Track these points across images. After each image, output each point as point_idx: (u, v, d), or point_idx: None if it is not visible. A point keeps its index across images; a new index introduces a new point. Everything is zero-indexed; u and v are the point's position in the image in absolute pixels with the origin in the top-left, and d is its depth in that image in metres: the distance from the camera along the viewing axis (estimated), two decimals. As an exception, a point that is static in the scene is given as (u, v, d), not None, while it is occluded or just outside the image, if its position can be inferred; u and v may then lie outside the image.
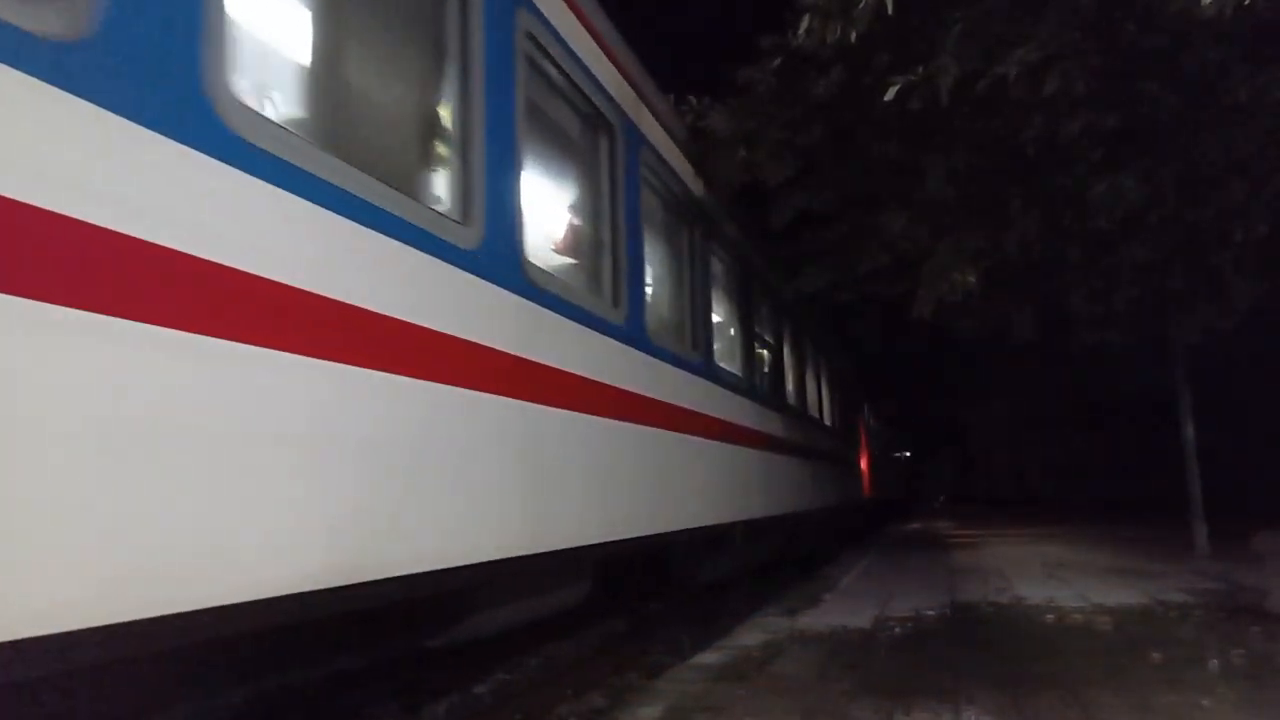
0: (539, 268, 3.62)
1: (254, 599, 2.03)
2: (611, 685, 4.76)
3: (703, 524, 5.64)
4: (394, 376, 2.60)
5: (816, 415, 11.58)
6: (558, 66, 4.05)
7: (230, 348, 2.03)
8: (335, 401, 2.36)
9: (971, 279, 6.65)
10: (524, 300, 3.41)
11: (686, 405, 5.45)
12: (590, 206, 4.69)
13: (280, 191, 2.22)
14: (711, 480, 6.01)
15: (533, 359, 3.42)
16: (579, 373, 3.86)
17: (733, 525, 6.39)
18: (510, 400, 3.24)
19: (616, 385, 4.30)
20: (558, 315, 3.71)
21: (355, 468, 2.43)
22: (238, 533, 2.02)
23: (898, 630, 5.03)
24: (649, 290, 5.29)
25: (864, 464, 18.19)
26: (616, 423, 4.28)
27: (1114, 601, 5.69)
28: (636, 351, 4.65)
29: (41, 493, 1.62)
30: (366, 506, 2.46)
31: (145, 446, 1.81)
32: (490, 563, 2.99)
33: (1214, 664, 3.73)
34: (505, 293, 3.29)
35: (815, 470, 10.59)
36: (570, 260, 4.52)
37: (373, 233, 2.57)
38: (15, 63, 1.60)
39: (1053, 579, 7.21)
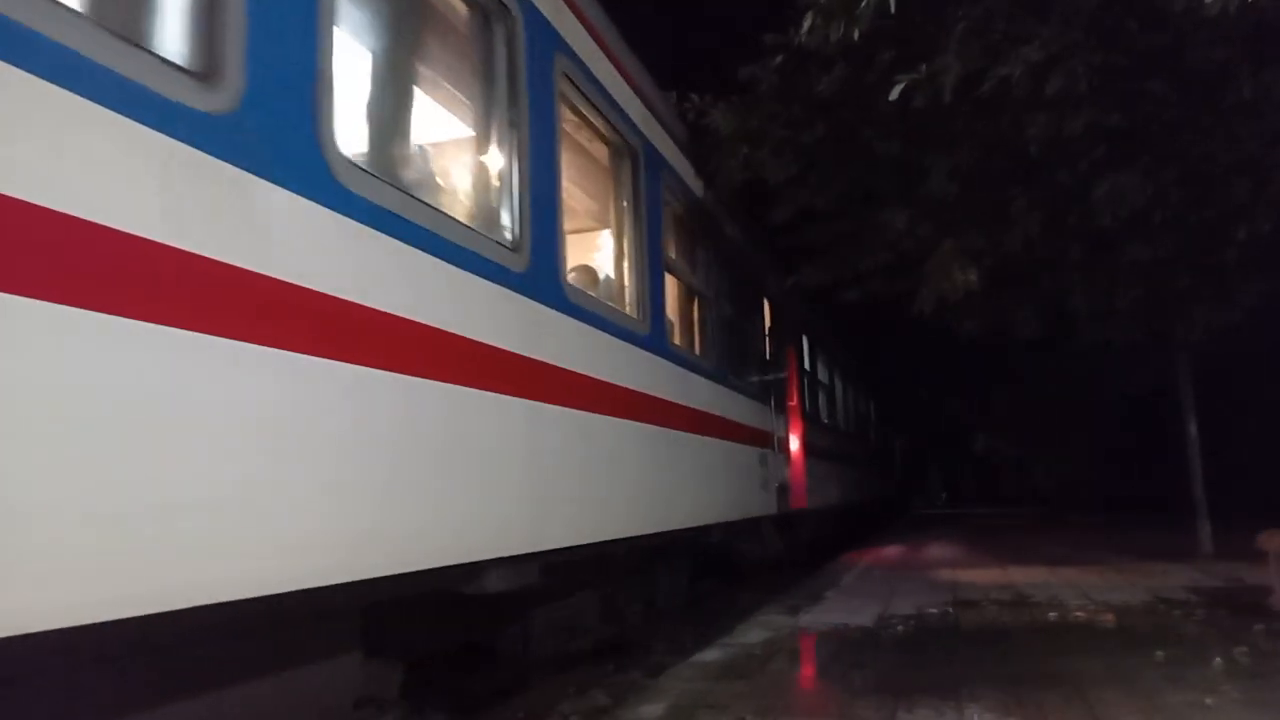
0: None
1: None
2: (614, 682, 4.75)
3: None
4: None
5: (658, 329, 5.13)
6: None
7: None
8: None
9: (974, 277, 6.65)
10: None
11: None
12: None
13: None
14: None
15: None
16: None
17: None
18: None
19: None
20: None
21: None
22: None
23: (900, 628, 5.03)
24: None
25: (797, 444, 9.15)
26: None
27: (1117, 599, 5.69)
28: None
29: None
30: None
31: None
32: None
33: (1218, 662, 3.72)
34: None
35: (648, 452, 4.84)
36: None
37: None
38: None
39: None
